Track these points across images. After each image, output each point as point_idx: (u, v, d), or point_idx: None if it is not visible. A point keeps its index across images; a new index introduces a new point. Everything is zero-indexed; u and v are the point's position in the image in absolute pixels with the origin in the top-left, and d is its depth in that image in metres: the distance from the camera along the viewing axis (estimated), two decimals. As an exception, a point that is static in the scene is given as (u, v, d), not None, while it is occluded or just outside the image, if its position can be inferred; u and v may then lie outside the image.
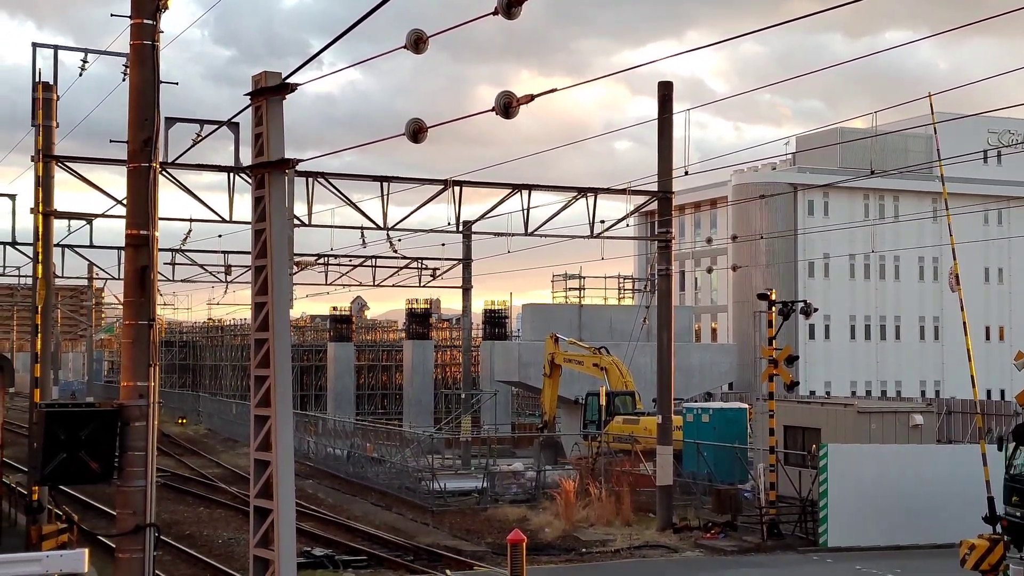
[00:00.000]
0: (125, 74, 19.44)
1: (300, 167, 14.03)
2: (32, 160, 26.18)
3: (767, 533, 28.76)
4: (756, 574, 25.54)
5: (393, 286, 55.32)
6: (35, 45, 27.59)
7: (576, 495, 32.51)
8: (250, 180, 14.55)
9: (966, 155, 28.85)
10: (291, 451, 13.62)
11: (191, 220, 31.84)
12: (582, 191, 31.24)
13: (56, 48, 27.45)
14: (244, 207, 27.13)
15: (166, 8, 12.36)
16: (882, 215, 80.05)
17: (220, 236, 45.97)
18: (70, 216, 32.24)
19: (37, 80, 26.58)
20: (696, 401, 51.71)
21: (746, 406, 41.71)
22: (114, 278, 50.59)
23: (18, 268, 51.43)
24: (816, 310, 32.03)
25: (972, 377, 24.13)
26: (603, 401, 45.12)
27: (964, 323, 24.51)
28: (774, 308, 30.38)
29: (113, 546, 13.26)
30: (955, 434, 46.58)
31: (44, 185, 25.94)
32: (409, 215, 30.90)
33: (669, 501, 30.85)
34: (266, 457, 13.61)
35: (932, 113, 25.74)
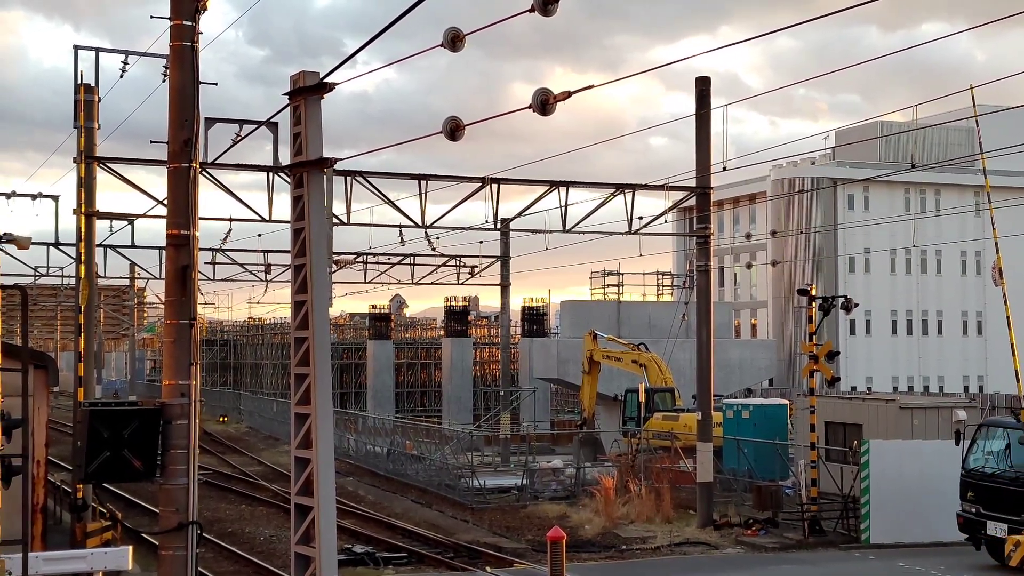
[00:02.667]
0: (165, 75, 19.59)
1: (338, 166, 14.09)
2: (74, 161, 26.45)
3: (808, 530, 28.59)
4: (798, 571, 25.39)
5: (431, 284, 55.48)
6: (77, 48, 27.86)
7: (616, 492, 32.45)
8: (289, 179, 14.63)
9: (1009, 147, 28.51)
10: (331, 449, 13.68)
11: (231, 220, 32.09)
12: (620, 187, 31.17)
13: (97, 51, 27.71)
14: (283, 206, 27.26)
15: (205, 9, 12.45)
16: (923, 209, 79.35)
17: (260, 235, 46.35)
18: (112, 217, 32.53)
19: (79, 82, 26.84)
20: (736, 397, 51.48)
21: (786, 402, 41.47)
22: (155, 278, 51.01)
23: (61, 269, 52.03)
24: (857, 305, 31.80)
25: (1016, 372, 23.92)
26: (642, 398, 44.99)
27: (1008, 317, 24.29)
28: (814, 303, 30.18)
29: (156, 543, 13.38)
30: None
31: (86, 186, 26.20)
32: (447, 213, 30.98)
33: (709, 498, 30.73)
34: (306, 455, 13.68)
35: (974, 105, 25.49)
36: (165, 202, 13.35)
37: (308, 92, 13.35)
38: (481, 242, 49.13)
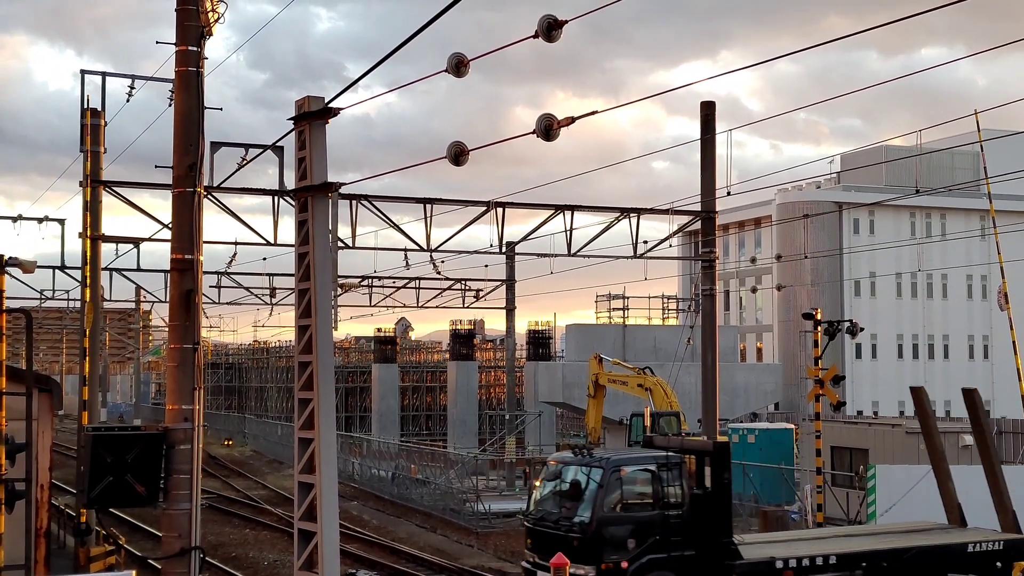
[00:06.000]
0: (170, 100, 19.66)
1: (343, 190, 14.12)
2: (80, 185, 26.51)
3: (815, 555, 28.42)
4: (804, 597, 25.20)
5: (437, 307, 55.41)
6: (83, 72, 27.96)
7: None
8: (294, 203, 14.65)
9: (1015, 172, 28.54)
10: (335, 473, 13.65)
11: (236, 243, 32.07)
12: (625, 211, 31.17)
13: (104, 75, 27.80)
14: (288, 230, 27.30)
15: (210, 35, 12.49)
16: (929, 233, 79.27)
17: (265, 259, 46.34)
18: (117, 240, 32.53)
19: (85, 107, 26.93)
20: (741, 421, 51.32)
21: (792, 426, 41.37)
22: (161, 301, 50.99)
23: (67, 292, 51.98)
24: (862, 329, 31.78)
25: (1023, 397, 23.82)
26: (648, 422, 44.83)
27: (1014, 342, 24.21)
28: (820, 327, 30.15)
29: (160, 568, 13.34)
30: (1006, 454, 45.88)
31: (92, 210, 26.26)
32: (452, 237, 30.98)
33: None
34: (310, 480, 13.64)
35: (979, 130, 25.51)
36: (170, 226, 13.37)
37: (313, 117, 13.39)
38: (486, 266, 49.18)
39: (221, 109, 21.81)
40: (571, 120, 11.39)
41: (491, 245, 30.64)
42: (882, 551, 20.95)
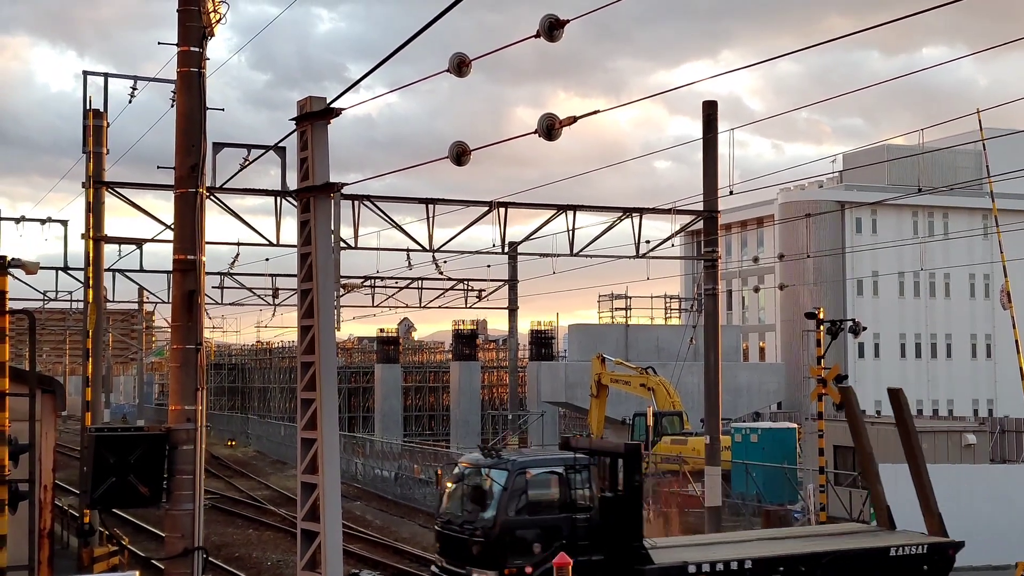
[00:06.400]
0: (172, 101, 19.68)
1: (345, 190, 14.13)
2: (83, 186, 26.53)
3: (818, 555, 28.42)
4: (807, 596, 25.19)
5: (439, 307, 55.46)
6: (86, 73, 28.00)
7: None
8: (296, 204, 14.66)
9: (1017, 171, 28.55)
10: (337, 474, 13.66)
11: (239, 244, 32.06)
12: (627, 211, 31.16)
13: (106, 76, 27.84)
14: (291, 230, 27.30)
15: (212, 36, 12.51)
16: (931, 232, 79.25)
17: (267, 259, 46.38)
18: (120, 241, 32.55)
19: (88, 108, 26.95)
20: (744, 421, 51.33)
21: (795, 426, 41.35)
22: (164, 302, 51.02)
23: (70, 293, 52.08)
24: (865, 328, 31.74)
25: (1026, 396, 23.82)
26: (650, 421, 44.90)
27: (1016, 341, 24.22)
28: (822, 327, 30.13)
29: (163, 568, 13.35)
30: (1009, 453, 45.90)
31: (95, 211, 26.29)
32: (454, 237, 30.99)
33: (718, 522, 30.58)
34: (313, 480, 13.66)
35: (981, 129, 25.51)
36: (172, 227, 13.38)
37: (315, 118, 13.40)
38: (488, 266, 49.23)
39: (223, 110, 21.78)
40: (573, 120, 11.40)
41: (493, 245, 30.65)
42: (799, 555, 20.58)
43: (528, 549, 19.11)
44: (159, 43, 19.18)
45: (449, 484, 21.21)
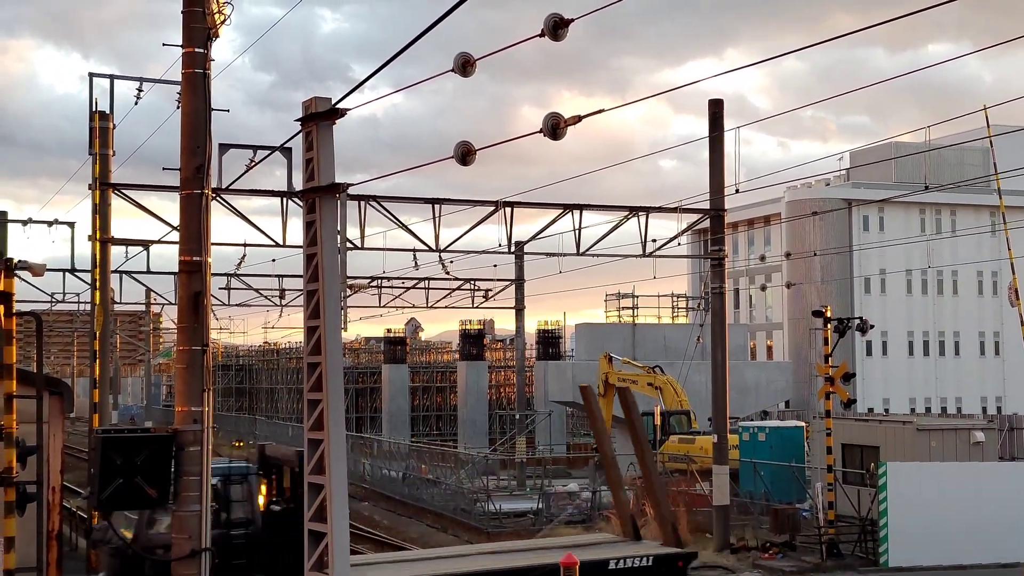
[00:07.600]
0: (178, 103, 19.71)
1: (351, 190, 14.11)
2: (89, 188, 26.55)
3: (826, 553, 28.40)
4: (815, 595, 25.21)
5: (446, 307, 55.42)
6: (92, 75, 27.99)
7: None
8: (302, 204, 14.65)
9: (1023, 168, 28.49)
10: (344, 475, 13.65)
11: (245, 245, 32.07)
12: (634, 210, 31.12)
13: (112, 78, 27.85)
14: (297, 231, 27.32)
15: (217, 37, 12.50)
16: (939, 229, 79.03)
17: (274, 260, 46.36)
18: (127, 243, 32.61)
19: (94, 110, 26.97)
20: (752, 419, 51.23)
21: (803, 424, 41.26)
22: (171, 303, 51.04)
23: (78, 295, 52.12)
24: (872, 326, 31.67)
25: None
26: (658, 421, 44.83)
27: (1024, 338, 24.12)
28: (830, 325, 30.07)
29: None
30: (1018, 451, 45.74)
31: (101, 213, 26.32)
32: (461, 237, 30.96)
33: (726, 521, 30.54)
34: (320, 481, 13.64)
35: (988, 126, 25.45)
36: (179, 228, 13.37)
37: (320, 118, 13.39)
38: (495, 265, 49.19)
39: (228, 111, 21.81)
40: (578, 119, 11.38)
41: (500, 245, 30.63)
42: (504, 570, 19.52)
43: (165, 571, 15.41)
44: (164, 44, 19.18)
45: None
